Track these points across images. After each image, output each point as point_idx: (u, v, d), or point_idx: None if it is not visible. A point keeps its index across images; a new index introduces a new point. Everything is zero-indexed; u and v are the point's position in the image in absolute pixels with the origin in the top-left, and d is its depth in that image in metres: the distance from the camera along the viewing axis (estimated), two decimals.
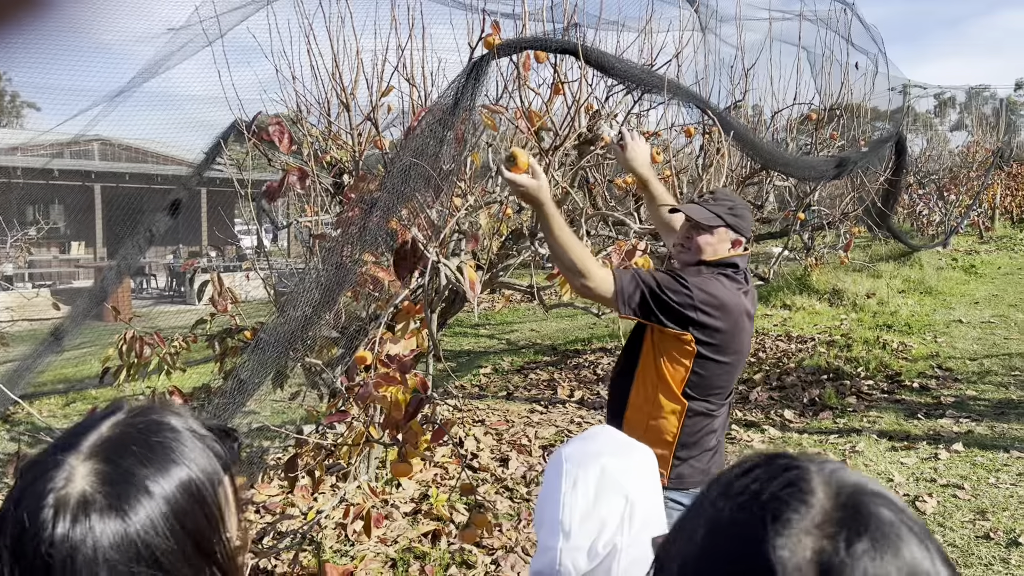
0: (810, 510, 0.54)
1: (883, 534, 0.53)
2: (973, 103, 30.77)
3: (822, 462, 0.60)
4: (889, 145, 7.00)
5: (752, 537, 0.54)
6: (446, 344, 9.42)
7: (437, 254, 2.84)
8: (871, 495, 0.56)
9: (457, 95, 2.75)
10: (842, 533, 0.53)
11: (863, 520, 0.54)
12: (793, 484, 0.57)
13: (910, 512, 0.57)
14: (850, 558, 0.51)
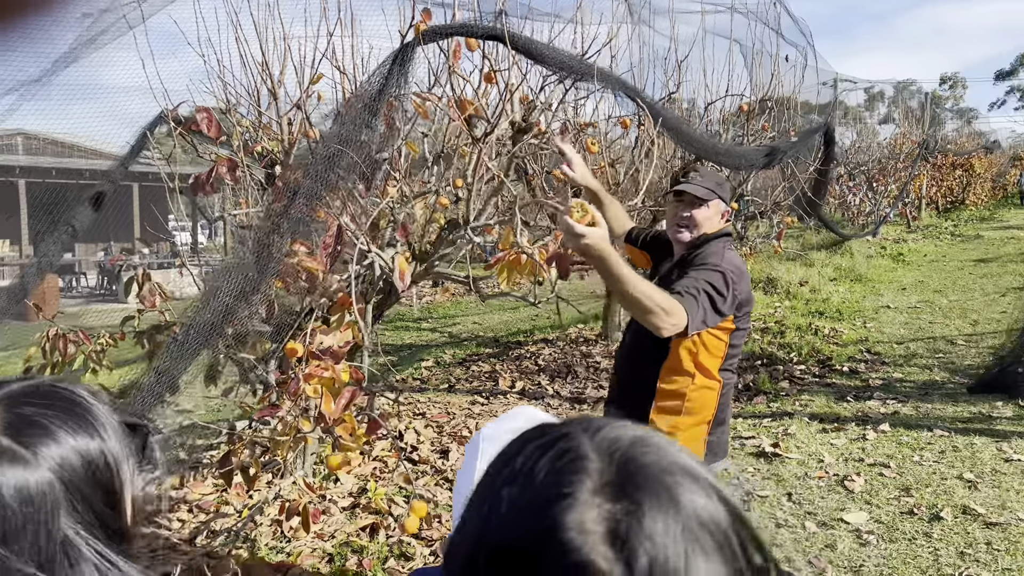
0: (588, 478, 0.54)
1: (663, 488, 0.53)
2: (900, 97, 31.72)
3: (587, 423, 0.59)
4: (818, 136, 7.17)
5: (540, 524, 0.53)
6: (387, 338, 9.36)
7: (367, 242, 2.81)
8: (642, 449, 0.56)
9: (383, 82, 2.72)
10: (623, 495, 0.52)
11: (641, 478, 0.53)
12: (565, 455, 0.56)
13: (684, 456, 0.58)
14: (637, 519, 0.51)
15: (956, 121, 46.69)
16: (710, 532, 0.52)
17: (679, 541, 0.51)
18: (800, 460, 4.84)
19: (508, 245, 3.61)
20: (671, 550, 0.50)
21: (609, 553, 0.50)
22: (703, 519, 0.52)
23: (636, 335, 2.61)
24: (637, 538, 0.50)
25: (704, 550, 0.51)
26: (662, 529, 0.51)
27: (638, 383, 2.57)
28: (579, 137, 5.66)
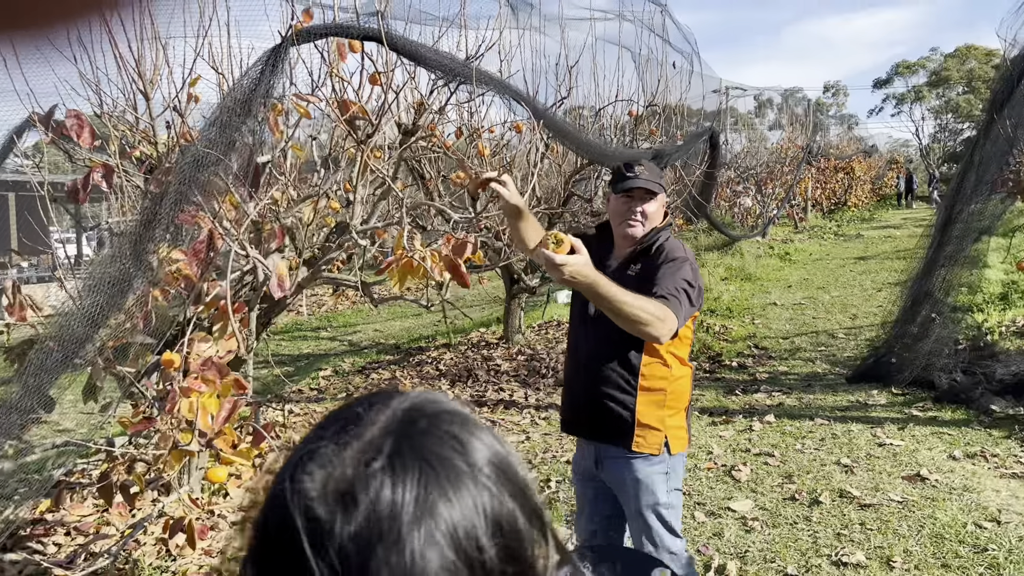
0: (354, 441, 0.56)
1: (418, 455, 0.55)
2: (787, 104, 33.14)
3: (408, 394, 0.62)
4: (703, 139, 7.43)
5: (281, 477, 0.57)
6: (284, 348, 9.14)
7: (245, 246, 2.74)
8: (428, 417, 0.59)
9: (256, 82, 2.66)
10: (373, 457, 0.55)
11: (402, 443, 0.56)
12: (356, 420, 0.59)
13: (468, 434, 0.60)
14: (364, 478, 0.53)
15: (838, 127, 49.16)
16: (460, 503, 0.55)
17: (409, 503, 0.53)
18: (691, 453, 4.98)
19: (400, 248, 3.59)
20: (395, 510, 0.53)
21: (333, 507, 0.53)
22: (445, 487, 0.55)
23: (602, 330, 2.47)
24: (365, 494, 0.53)
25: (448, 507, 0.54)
26: (389, 492, 0.53)
27: (613, 380, 2.49)
28: (473, 141, 5.68)
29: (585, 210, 8.17)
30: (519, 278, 7.90)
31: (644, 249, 2.50)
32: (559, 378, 6.97)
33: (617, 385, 2.48)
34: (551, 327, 9.33)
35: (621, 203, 2.48)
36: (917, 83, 53.36)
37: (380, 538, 0.51)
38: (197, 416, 2.74)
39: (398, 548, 0.51)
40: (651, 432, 2.48)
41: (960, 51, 49.32)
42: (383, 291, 7.03)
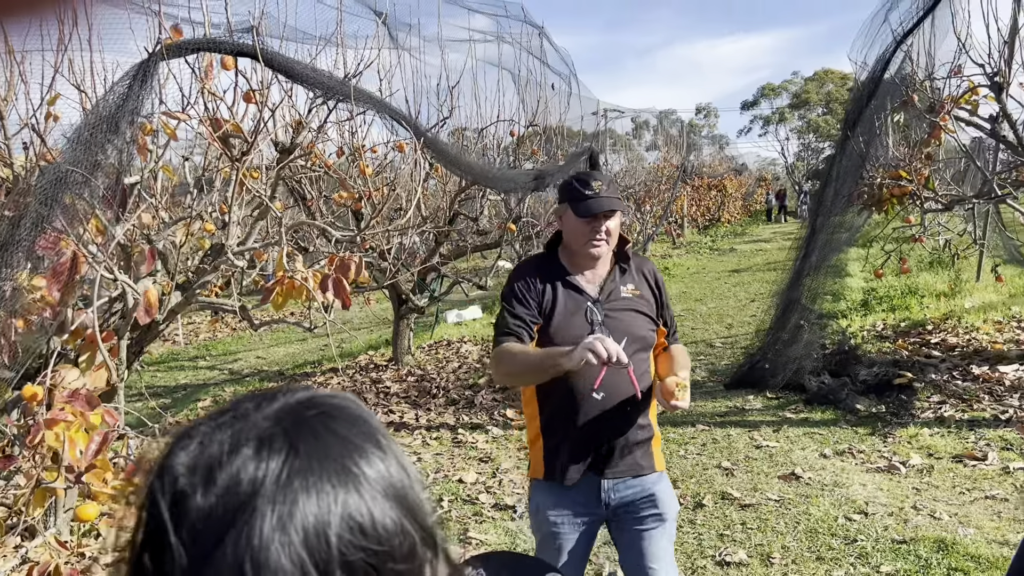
0: (236, 423, 0.56)
1: (292, 441, 0.55)
2: (662, 125, 34.41)
3: (308, 389, 0.62)
4: (583, 159, 7.62)
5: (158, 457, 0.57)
6: (160, 379, 8.72)
7: (111, 270, 2.61)
8: (321, 412, 0.58)
9: (123, 99, 2.56)
10: (248, 437, 0.55)
11: (281, 429, 0.56)
12: (242, 409, 0.58)
13: (363, 441, 0.58)
14: (231, 455, 0.53)
15: (711, 147, 51.49)
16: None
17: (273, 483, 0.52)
18: None
19: (281, 270, 3.50)
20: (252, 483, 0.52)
21: (195, 481, 0.52)
22: (315, 478, 0.54)
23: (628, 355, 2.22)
24: (227, 470, 0.53)
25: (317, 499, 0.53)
26: (250, 472, 0.52)
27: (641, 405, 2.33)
28: (355, 160, 5.62)
29: (472, 229, 8.22)
30: (407, 298, 7.85)
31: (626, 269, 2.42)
32: (449, 397, 6.95)
33: (643, 410, 2.35)
34: (441, 347, 9.30)
35: (580, 222, 2.28)
36: (781, 105, 56.63)
37: (232, 516, 0.50)
38: (64, 450, 2.57)
39: (247, 529, 0.50)
40: (658, 447, 2.43)
41: (819, 75, 52.72)
42: (265, 315, 6.84)
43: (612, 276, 2.39)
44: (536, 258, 2.50)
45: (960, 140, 6.26)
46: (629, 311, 2.36)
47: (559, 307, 2.32)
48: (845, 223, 6.84)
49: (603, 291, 2.36)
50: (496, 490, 4.75)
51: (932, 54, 6.09)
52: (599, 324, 2.30)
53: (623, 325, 2.32)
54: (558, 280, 2.36)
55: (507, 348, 2.25)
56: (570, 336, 2.25)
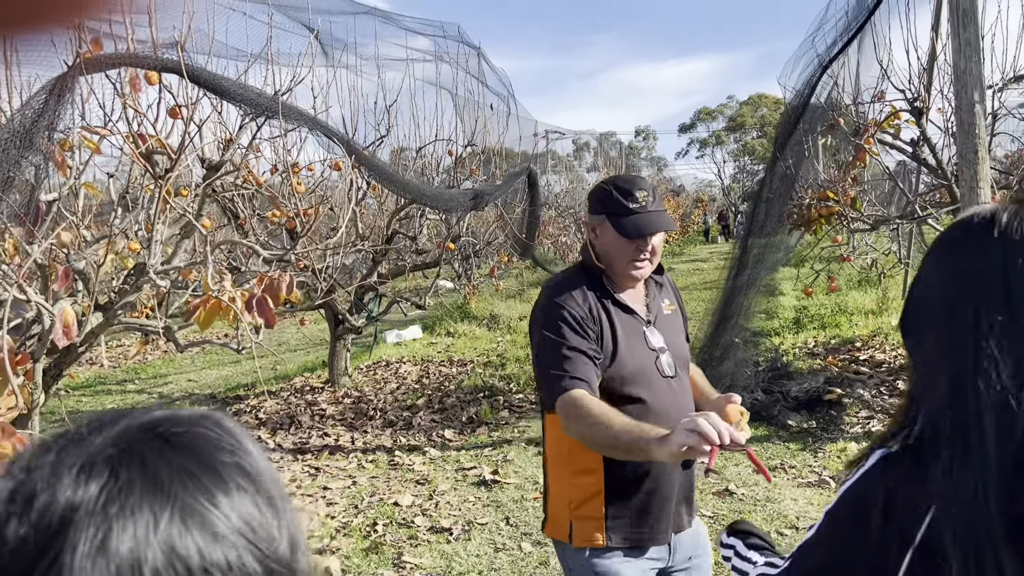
0: (69, 448, 0.53)
1: (107, 467, 0.51)
2: (603, 147, 34.89)
3: (154, 412, 0.58)
4: (522, 179, 7.67)
5: None
6: (84, 404, 8.41)
7: (22, 289, 2.50)
8: (152, 433, 0.55)
9: (38, 114, 2.46)
10: (75, 462, 0.51)
11: (106, 457, 0.52)
12: (78, 435, 0.55)
13: (219, 467, 0.55)
14: (53, 480, 0.50)
15: (650, 168, 52.47)
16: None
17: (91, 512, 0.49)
18: (518, 484, 5.04)
19: (207, 289, 3.41)
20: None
21: (13, 508, 0.49)
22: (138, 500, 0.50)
23: (683, 386, 2.09)
24: (44, 495, 0.49)
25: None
26: (69, 496, 0.49)
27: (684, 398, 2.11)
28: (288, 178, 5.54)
29: (411, 248, 8.17)
30: (344, 318, 7.74)
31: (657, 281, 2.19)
32: (387, 419, 6.85)
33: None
34: (380, 367, 9.19)
35: (626, 241, 1.98)
36: (717, 128, 58.07)
37: (45, 544, 0.47)
38: None
39: (59, 558, 0.47)
40: None
41: (753, 99, 54.26)
42: (195, 336, 6.65)
43: (651, 292, 2.14)
44: (575, 274, 2.09)
45: (884, 163, 6.48)
46: (675, 331, 2.13)
47: (620, 335, 1.98)
48: (777, 243, 7.01)
49: (650, 311, 2.09)
50: (432, 513, 4.68)
51: (857, 80, 6.30)
52: (662, 350, 2.03)
53: (676, 349, 2.08)
54: (608, 303, 2.02)
55: (582, 403, 1.80)
56: (639, 369, 1.97)
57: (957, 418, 0.87)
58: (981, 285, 0.89)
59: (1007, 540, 0.81)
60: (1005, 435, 0.83)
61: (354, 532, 4.46)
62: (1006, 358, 0.85)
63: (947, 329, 0.91)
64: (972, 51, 4.13)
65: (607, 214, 1.99)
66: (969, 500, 0.84)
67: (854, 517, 0.97)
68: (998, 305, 0.87)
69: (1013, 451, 0.82)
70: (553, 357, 1.90)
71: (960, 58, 4.14)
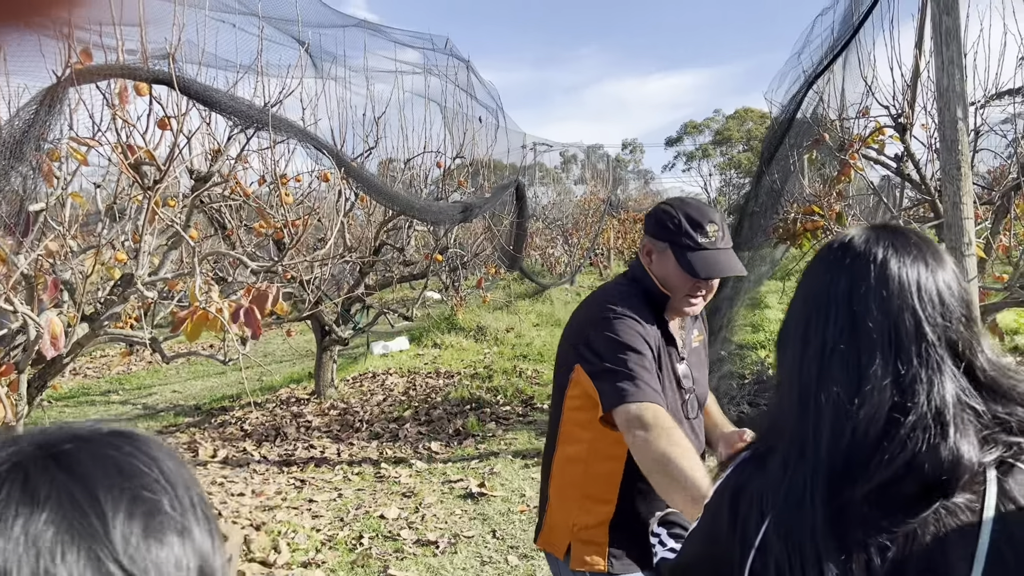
0: None
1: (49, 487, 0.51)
2: (590, 160, 34.98)
3: (47, 428, 0.58)
4: (510, 192, 7.69)
5: None
6: (67, 415, 8.34)
7: (9, 300, 2.48)
8: (51, 451, 0.54)
9: (28, 125, 2.45)
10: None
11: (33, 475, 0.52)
12: None
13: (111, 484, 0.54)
14: None
15: (636, 181, 52.68)
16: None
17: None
18: (504, 497, 5.03)
19: (195, 300, 3.40)
20: None
21: None
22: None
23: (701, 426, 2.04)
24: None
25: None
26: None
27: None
28: (276, 189, 5.53)
29: (398, 259, 8.16)
30: (330, 330, 7.72)
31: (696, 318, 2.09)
32: (372, 431, 6.83)
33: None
34: (366, 379, 9.16)
35: (687, 278, 1.84)
36: (703, 142, 58.43)
37: None
38: None
39: None
40: None
41: (739, 113, 54.69)
42: (180, 347, 6.62)
43: (684, 322, 2.02)
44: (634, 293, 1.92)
45: (868, 178, 6.55)
46: (700, 365, 2.05)
47: (663, 372, 1.87)
48: (763, 256, 7.05)
49: (684, 342, 1.98)
50: (418, 525, 4.66)
51: (842, 95, 6.37)
52: (690, 391, 1.95)
53: (700, 387, 2.00)
54: (659, 330, 1.89)
55: (668, 420, 1.67)
56: (670, 404, 1.84)
57: (798, 425, 0.96)
58: (828, 307, 0.98)
59: (829, 531, 0.90)
60: (837, 438, 0.92)
61: (340, 545, 4.43)
62: (844, 373, 0.94)
63: (800, 345, 1.00)
64: (955, 68, 4.19)
65: (671, 243, 1.84)
66: (798, 497, 0.92)
67: (713, 517, 1.06)
68: (842, 325, 0.96)
69: (843, 452, 0.91)
70: (632, 362, 1.74)
71: (943, 75, 4.19)
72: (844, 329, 0.95)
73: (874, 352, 0.93)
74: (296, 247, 4.63)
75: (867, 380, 0.91)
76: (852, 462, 0.90)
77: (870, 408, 0.90)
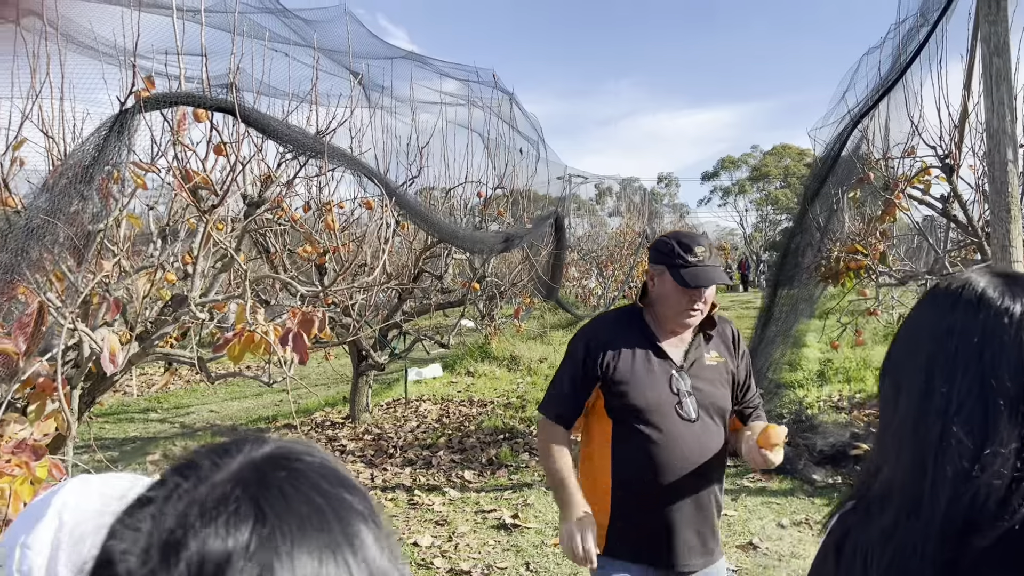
0: (193, 489, 0.51)
1: (252, 508, 0.50)
2: (625, 192, 35.03)
3: (269, 440, 0.57)
4: (549, 223, 7.74)
5: (108, 532, 0.52)
6: (108, 431, 8.47)
7: (73, 320, 2.56)
8: (290, 467, 0.54)
9: (98, 149, 2.54)
10: (212, 506, 0.49)
11: (249, 492, 0.51)
12: (198, 469, 0.53)
13: (344, 494, 0.55)
14: (193, 529, 0.48)
15: (672, 215, 52.48)
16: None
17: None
18: (538, 529, 5.00)
19: (241, 322, 3.46)
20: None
21: (153, 563, 0.47)
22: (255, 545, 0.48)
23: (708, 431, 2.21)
24: (189, 548, 0.47)
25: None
26: (207, 547, 0.47)
27: (715, 489, 2.25)
28: (321, 215, 5.63)
29: (436, 287, 8.23)
30: (367, 355, 7.78)
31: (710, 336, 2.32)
32: (406, 457, 6.84)
33: (715, 493, 2.24)
34: (400, 405, 9.19)
35: (681, 291, 2.16)
36: (740, 177, 58.19)
37: None
38: (9, 503, 2.47)
39: None
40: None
41: (777, 149, 54.43)
42: (222, 368, 6.70)
43: (697, 342, 2.28)
44: (619, 314, 2.37)
45: (913, 218, 6.48)
46: (713, 381, 2.25)
47: (640, 372, 2.19)
48: (806, 295, 6.99)
49: (687, 358, 2.25)
50: (452, 555, 4.65)
51: (887, 135, 6.34)
52: (687, 394, 2.20)
53: (707, 397, 2.22)
54: (642, 342, 2.24)
55: (551, 440, 2.27)
56: (654, 407, 2.16)
57: (913, 484, 0.90)
58: (955, 362, 0.91)
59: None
60: (955, 501, 0.86)
61: None
62: (969, 436, 0.87)
63: (920, 399, 0.94)
64: (1005, 110, 4.16)
65: (667, 265, 2.17)
66: (908, 557, 0.87)
67: (818, 567, 1.03)
68: (969, 385, 0.89)
69: (961, 514, 0.86)
70: (559, 378, 2.32)
71: (993, 117, 4.16)
72: (972, 389, 0.89)
73: (1001, 415, 0.87)
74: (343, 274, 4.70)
75: (992, 443, 0.86)
76: (969, 524, 0.86)
77: (994, 473, 0.85)
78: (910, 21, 5.86)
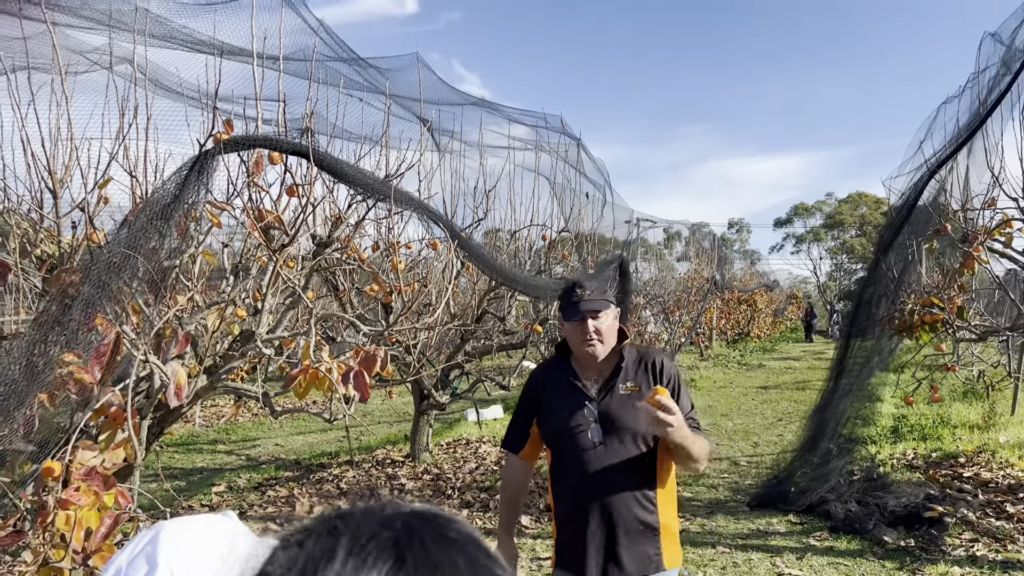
0: (340, 531, 0.55)
1: (393, 552, 0.52)
2: (694, 237, 34.67)
3: (404, 504, 0.60)
4: (613, 267, 7.69)
5: None
6: (177, 461, 8.69)
7: (146, 352, 2.65)
8: (424, 520, 0.56)
9: (178, 189, 2.66)
10: (347, 545, 0.52)
11: (388, 539, 0.53)
12: (338, 517, 0.58)
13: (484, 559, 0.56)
14: (328, 563, 0.51)
15: (742, 261, 51.70)
16: None
17: None
18: None
19: (306, 359, 3.53)
20: None
21: None
22: None
23: (613, 454, 2.42)
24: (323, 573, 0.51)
25: None
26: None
27: (636, 502, 2.42)
28: (388, 255, 5.73)
29: (498, 328, 8.25)
30: (429, 394, 7.82)
31: (637, 367, 2.51)
32: (464, 499, 6.82)
33: (637, 508, 2.41)
34: (459, 445, 9.19)
35: (574, 326, 2.43)
36: (814, 224, 57.00)
37: None
38: (74, 531, 2.55)
39: None
40: (672, 541, 2.46)
41: (853, 197, 53.23)
42: (287, 403, 6.84)
43: (615, 373, 2.49)
44: (549, 360, 2.69)
45: (994, 271, 6.24)
46: (623, 406, 2.45)
47: (558, 405, 2.51)
48: (880, 347, 6.76)
49: (603, 389, 2.48)
50: None
51: (966, 185, 6.14)
52: (592, 422, 2.44)
53: (622, 422, 2.43)
54: (562, 380, 2.54)
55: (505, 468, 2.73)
56: (562, 433, 2.48)
57: None
58: None
59: None
60: None
61: None
62: None
63: None
64: None
65: (560, 308, 2.52)
66: None
67: None
68: None
69: None
70: (514, 414, 2.69)
71: None
72: None
73: None
74: (405, 313, 4.77)
75: None
76: None
77: None
78: (992, 70, 5.72)
